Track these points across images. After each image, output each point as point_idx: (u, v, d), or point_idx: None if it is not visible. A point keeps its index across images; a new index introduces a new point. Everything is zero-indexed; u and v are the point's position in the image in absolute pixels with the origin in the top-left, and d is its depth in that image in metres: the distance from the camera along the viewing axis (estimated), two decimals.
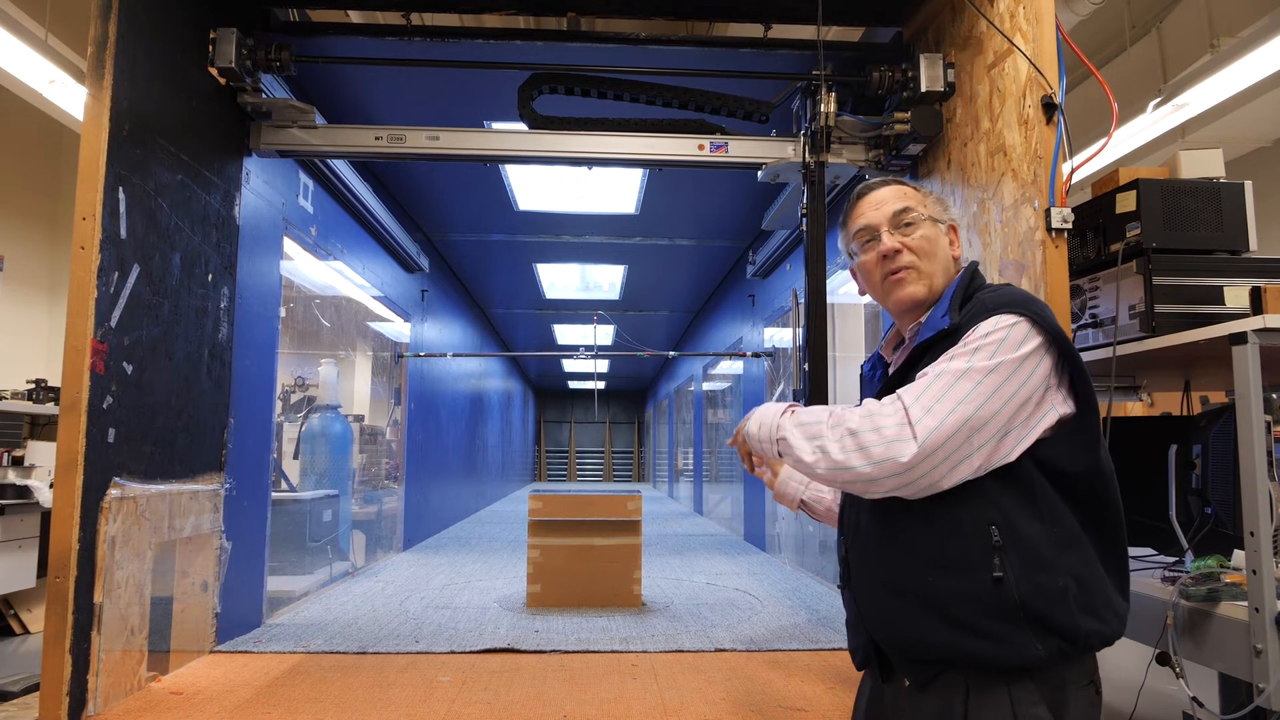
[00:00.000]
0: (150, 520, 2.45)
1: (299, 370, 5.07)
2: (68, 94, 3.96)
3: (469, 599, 4.03)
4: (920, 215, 1.40)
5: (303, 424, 4.91)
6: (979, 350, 1.21)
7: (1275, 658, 1.58)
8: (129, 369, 2.33)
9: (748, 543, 6.68)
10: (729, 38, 3.35)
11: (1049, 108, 2.16)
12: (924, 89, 2.72)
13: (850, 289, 4.76)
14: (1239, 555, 1.81)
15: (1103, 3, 3.72)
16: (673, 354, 9.00)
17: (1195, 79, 3.94)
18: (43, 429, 4.98)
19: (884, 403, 1.24)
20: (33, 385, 5.23)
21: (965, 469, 1.19)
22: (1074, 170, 2.19)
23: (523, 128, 3.14)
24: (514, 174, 4.98)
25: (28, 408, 5.00)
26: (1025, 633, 1.18)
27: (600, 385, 19.99)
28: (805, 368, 2.80)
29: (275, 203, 3.46)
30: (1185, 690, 1.77)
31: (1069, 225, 2.12)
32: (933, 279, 1.39)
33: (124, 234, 2.29)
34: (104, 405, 2.20)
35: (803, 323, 2.90)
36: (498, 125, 3.86)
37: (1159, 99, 4.17)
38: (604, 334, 10.97)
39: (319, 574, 4.43)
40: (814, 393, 2.75)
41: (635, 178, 4.99)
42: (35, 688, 2.55)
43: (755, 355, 6.33)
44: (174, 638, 2.67)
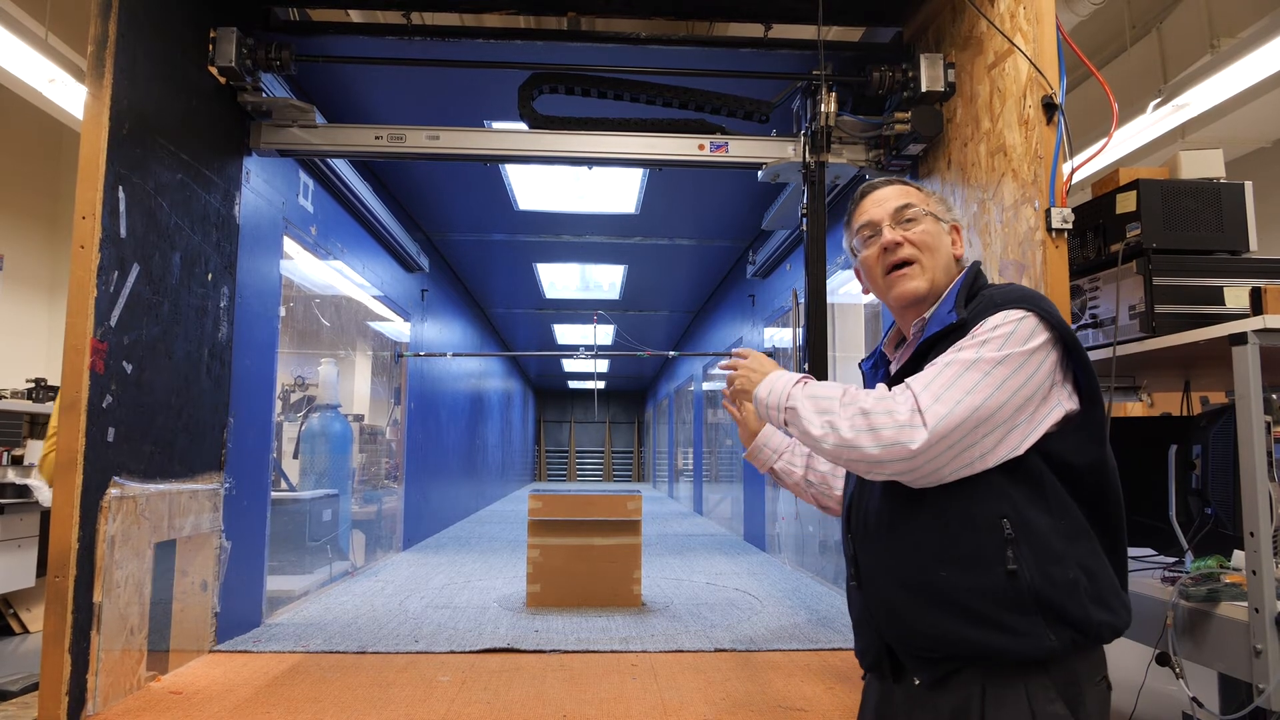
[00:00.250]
0: (150, 520, 2.45)
1: (299, 370, 5.07)
2: (68, 93, 3.96)
3: (469, 599, 4.03)
4: (922, 211, 1.42)
5: (302, 423, 4.91)
6: (987, 342, 1.21)
7: (1275, 658, 1.58)
8: (129, 368, 2.33)
9: (747, 543, 6.68)
10: (729, 37, 3.35)
11: (1049, 108, 2.16)
12: (924, 89, 2.72)
13: (850, 289, 4.77)
14: (1239, 555, 1.81)
15: (1103, 3, 3.72)
16: (673, 354, 9.02)
17: (1195, 79, 3.95)
18: (43, 428, 4.98)
19: (895, 390, 1.24)
20: (32, 384, 5.23)
21: (965, 459, 1.19)
22: (1074, 170, 2.19)
23: (523, 127, 3.14)
24: (514, 174, 4.98)
25: (27, 407, 5.00)
26: (1039, 624, 1.18)
27: (600, 385, 19.99)
28: (805, 367, 2.81)
29: (275, 202, 3.46)
30: (1185, 690, 1.77)
31: (1069, 225, 2.12)
32: (934, 274, 1.40)
33: (124, 233, 2.29)
34: (104, 404, 2.20)
35: (803, 323, 2.90)
36: (498, 125, 3.86)
37: (1159, 99, 4.17)
38: (604, 334, 10.97)
39: (319, 573, 4.43)
40: None
41: (635, 177, 4.99)
42: (35, 687, 2.55)
43: None
44: (173, 637, 2.67)
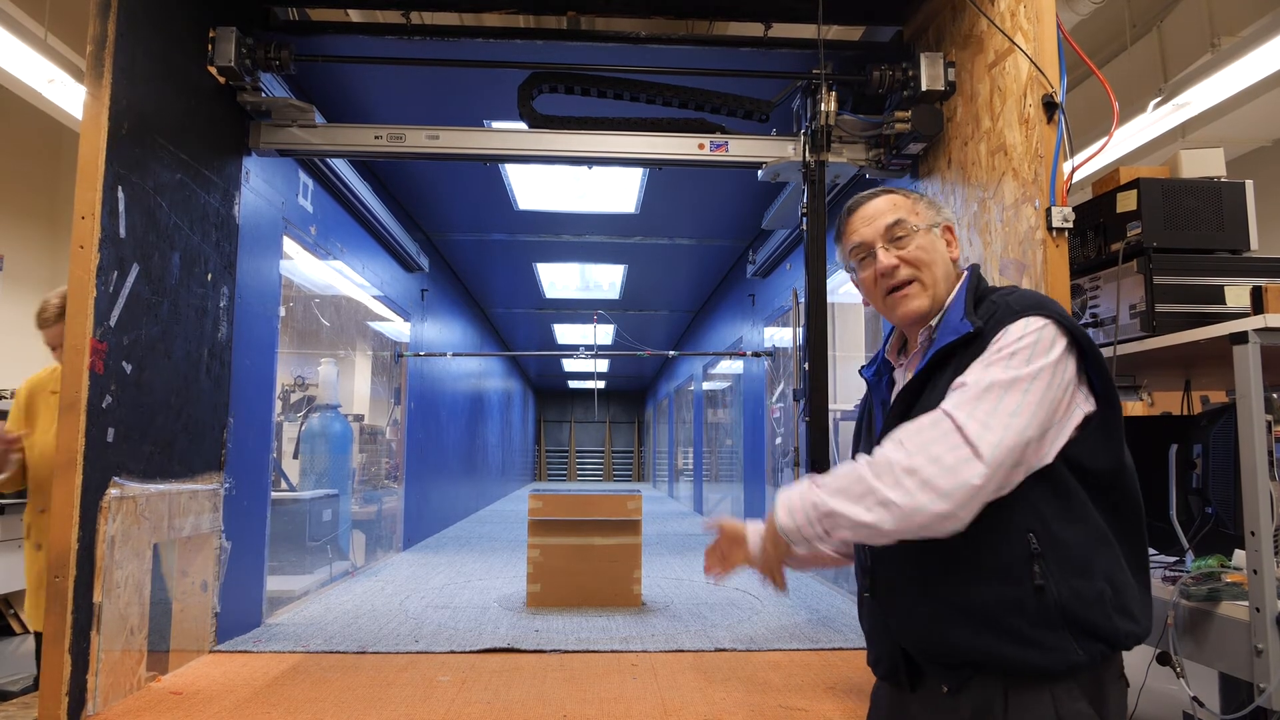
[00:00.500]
0: (150, 520, 2.45)
1: (299, 370, 5.07)
2: (67, 93, 3.95)
3: (469, 598, 4.03)
4: (914, 226, 1.39)
5: (302, 423, 4.91)
6: (1015, 355, 1.19)
7: (1276, 657, 1.58)
8: (128, 368, 2.33)
9: None
10: (729, 37, 3.35)
11: (1050, 107, 2.16)
12: (924, 88, 2.72)
13: (851, 289, 4.77)
14: (1239, 555, 1.80)
15: (1103, 2, 3.72)
16: (673, 354, 9.01)
17: (1196, 78, 3.94)
18: None
19: (924, 427, 1.19)
20: None
21: (1013, 478, 1.18)
22: (1075, 169, 2.18)
23: (523, 127, 3.14)
24: (514, 173, 4.98)
25: None
26: (1067, 639, 1.18)
27: (600, 385, 19.99)
28: (805, 367, 2.80)
29: (275, 202, 3.46)
30: (1186, 690, 1.77)
31: (1070, 224, 2.11)
32: (935, 288, 1.39)
33: (123, 233, 2.29)
34: (103, 405, 2.20)
35: (803, 322, 2.90)
36: (498, 124, 3.86)
37: (1159, 98, 4.17)
38: (604, 333, 10.97)
39: (319, 574, 4.42)
40: (814, 392, 2.75)
41: (635, 177, 4.99)
42: (35, 687, 2.55)
43: (755, 355, 6.32)
44: (173, 637, 2.66)
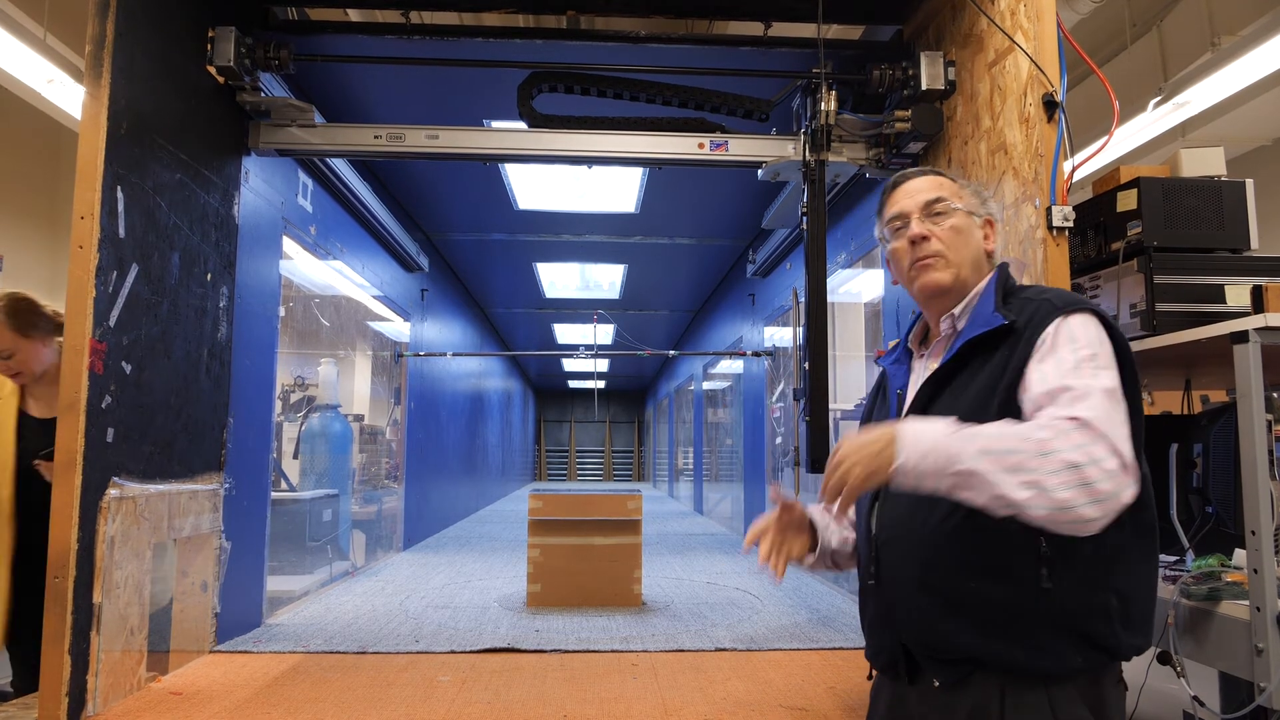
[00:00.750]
0: (149, 520, 2.45)
1: (299, 370, 5.07)
2: (66, 93, 3.95)
3: (469, 598, 4.03)
4: (953, 206, 1.40)
5: (302, 423, 4.91)
6: (1096, 356, 1.18)
7: (1276, 657, 1.57)
8: (128, 368, 2.32)
9: None
10: (729, 36, 3.34)
11: (1050, 106, 2.16)
12: (924, 87, 2.72)
13: (850, 288, 4.76)
14: (1240, 554, 1.80)
15: (1103, 1, 3.72)
16: (673, 353, 9.01)
17: (1196, 77, 3.94)
18: None
19: (1069, 429, 1.08)
20: None
21: None
22: (1075, 168, 2.18)
23: (522, 126, 3.13)
24: (514, 173, 4.97)
25: None
26: (1068, 646, 1.18)
27: (600, 385, 19.99)
28: (805, 367, 2.80)
29: (274, 202, 3.45)
30: (1186, 689, 1.77)
31: (1070, 223, 2.11)
32: (960, 269, 1.38)
33: (122, 233, 2.28)
34: (103, 405, 2.20)
35: (803, 322, 2.89)
36: (497, 124, 3.85)
37: (1160, 97, 4.17)
38: (604, 333, 10.98)
39: (319, 574, 4.42)
40: (814, 392, 2.75)
41: (635, 177, 4.98)
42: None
43: (755, 354, 6.32)
44: (173, 638, 2.66)
